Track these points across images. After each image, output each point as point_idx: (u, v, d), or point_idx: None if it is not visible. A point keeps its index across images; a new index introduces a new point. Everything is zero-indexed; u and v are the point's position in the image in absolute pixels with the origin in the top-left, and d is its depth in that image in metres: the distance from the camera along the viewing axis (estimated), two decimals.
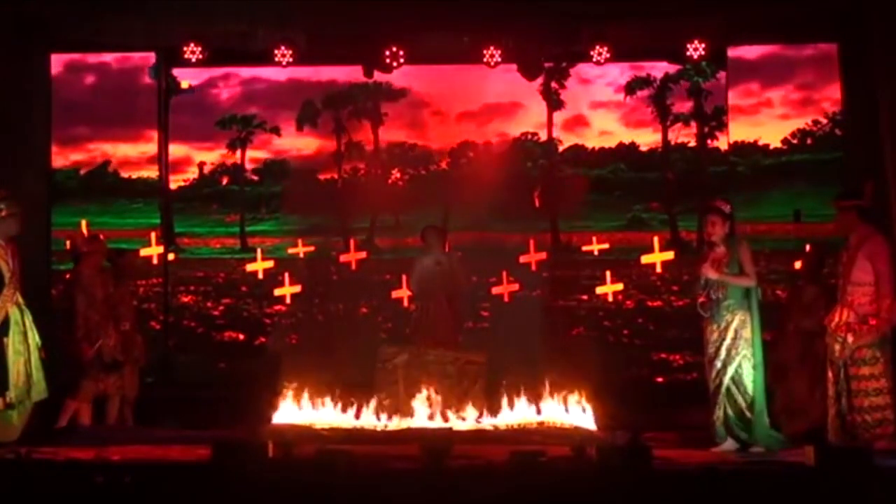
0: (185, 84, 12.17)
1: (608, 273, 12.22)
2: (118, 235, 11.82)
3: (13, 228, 7.87)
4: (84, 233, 10.91)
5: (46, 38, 9.94)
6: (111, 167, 12.93)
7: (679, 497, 5.99)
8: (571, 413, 7.72)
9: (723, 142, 12.37)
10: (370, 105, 12.71)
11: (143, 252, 12.01)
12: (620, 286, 12.23)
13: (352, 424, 7.67)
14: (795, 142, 12.66)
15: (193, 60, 10.05)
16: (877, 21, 9.10)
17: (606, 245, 12.45)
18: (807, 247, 9.72)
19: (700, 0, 9.73)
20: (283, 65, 10.01)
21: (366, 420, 7.75)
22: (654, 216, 12.78)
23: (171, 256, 12.29)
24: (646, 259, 12.25)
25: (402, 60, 10.01)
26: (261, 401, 8.07)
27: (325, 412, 7.77)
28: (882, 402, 7.55)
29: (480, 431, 7.61)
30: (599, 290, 12.25)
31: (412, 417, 7.81)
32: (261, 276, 12.66)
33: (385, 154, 12.88)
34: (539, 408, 7.78)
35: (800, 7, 9.53)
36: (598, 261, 12.40)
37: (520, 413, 7.78)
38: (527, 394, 7.86)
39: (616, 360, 11.62)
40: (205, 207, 13.12)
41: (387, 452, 6.82)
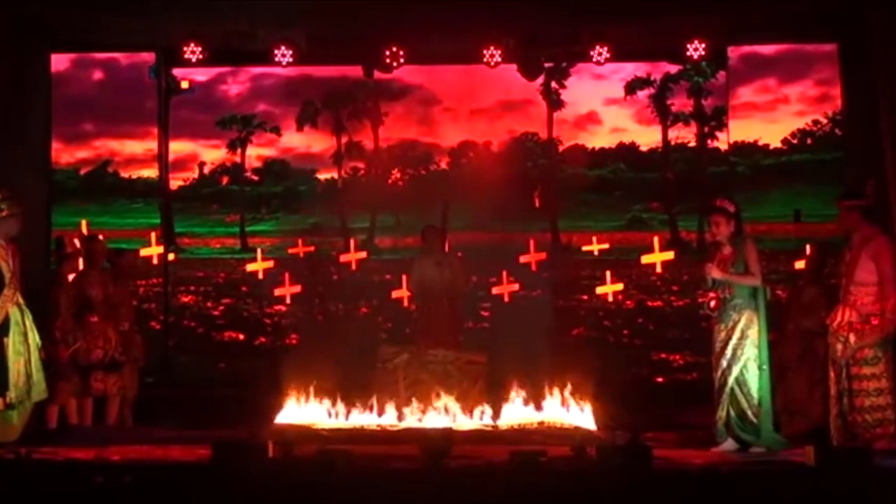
0: (185, 84, 12.17)
1: (608, 273, 12.23)
2: (118, 235, 11.85)
3: (13, 228, 7.86)
4: (83, 233, 10.88)
5: (46, 38, 9.93)
6: (111, 167, 12.94)
7: (679, 497, 5.99)
8: (571, 413, 7.72)
9: (723, 142, 12.39)
10: (370, 105, 12.72)
11: (143, 252, 12.00)
12: (620, 286, 12.24)
13: (352, 424, 7.67)
14: (795, 142, 12.69)
15: (193, 60, 10.03)
16: (877, 21, 9.09)
17: (606, 245, 12.46)
18: (807, 247, 9.71)
19: (700, 0, 9.72)
20: (283, 65, 10.00)
21: (366, 420, 7.75)
22: (654, 216, 12.80)
23: (171, 256, 12.29)
24: (646, 259, 12.25)
25: (402, 60, 10.00)
26: (261, 401, 8.07)
27: (326, 412, 7.77)
28: (883, 402, 7.55)
29: (480, 431, 7.61)
30: (599, 290, 12.26)
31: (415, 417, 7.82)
32: (261, 276, 12.67)
33: (385, 154, 12.89)
34: (539, 407, 7.78)
35: (800, 7, 9.52)
36: (598, 261, 12.42)
37: (520, 413, 7.77)
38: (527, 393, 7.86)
39: (616, 360, 11.63)
40: (205, 207, 13.14)
41: (387, 452, 6.82)
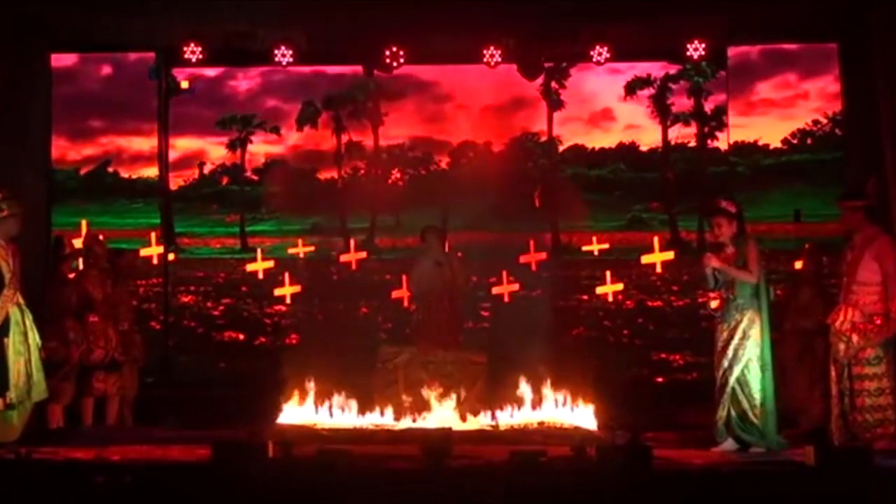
0: (185, 84, 12.16)
1: (608, 273, 12.22)
2: (118, 235, 11.83)
3: (14, 228, 7.86)
4: (83, 233, 10.88)
5: (46, 38, 9.93)
6: (112, 167, 12.94)
7: (679, 497, 5.98)
8: (571, 413, 7.72)
9: (723, 142, 12.38)
10: (370, 105, 12.71)
11: (143, 252, 12.00)
12: (620, 286, 12.23)
13: (352, 424, 7.68)
14: (795, 142, 12.67)
15: (193, 60, 10.04)
16: (877, 21, 9.09)
17: (606, 245, 12.45)
18: (806, 247, 9.70)
19: (700, 0, 9.72)
20: (283, 65, 10.01)
21: (366, 420, 7.76)
22: (654, 216, 12.78)
23: (171, 256, 12.28)
24: (646, 259, 12.25)
25: (402, 60, 10.00)
26: (261, 401, 8.07)
27: (326, 412, 7.78)
28: (883, 402, 7.55)
29: (480, 431, 7.62)
30: (599, 290, 12.26)
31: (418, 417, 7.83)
32: (261, 276, 12.66)
33: (385, 154, 12.88)
34: (539, 407, 7.79)
35: (800, 7, 9.52)
36: (598, 261, 12.40)
37: (520, 413, 7.78)
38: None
39: (616, 360, 11.63)
40: (205, 207, 13.13)
41: (387, 452, 6.82)
